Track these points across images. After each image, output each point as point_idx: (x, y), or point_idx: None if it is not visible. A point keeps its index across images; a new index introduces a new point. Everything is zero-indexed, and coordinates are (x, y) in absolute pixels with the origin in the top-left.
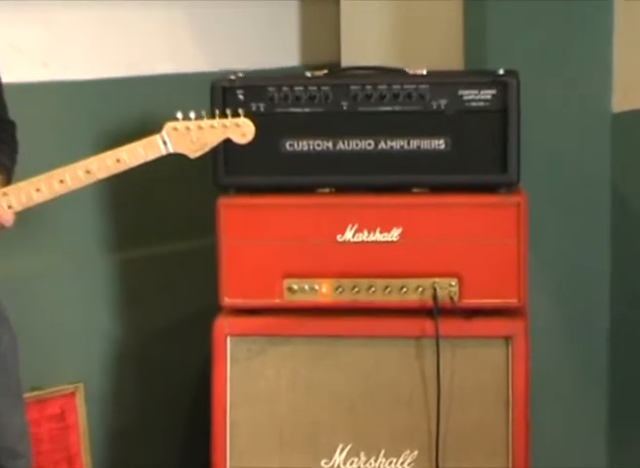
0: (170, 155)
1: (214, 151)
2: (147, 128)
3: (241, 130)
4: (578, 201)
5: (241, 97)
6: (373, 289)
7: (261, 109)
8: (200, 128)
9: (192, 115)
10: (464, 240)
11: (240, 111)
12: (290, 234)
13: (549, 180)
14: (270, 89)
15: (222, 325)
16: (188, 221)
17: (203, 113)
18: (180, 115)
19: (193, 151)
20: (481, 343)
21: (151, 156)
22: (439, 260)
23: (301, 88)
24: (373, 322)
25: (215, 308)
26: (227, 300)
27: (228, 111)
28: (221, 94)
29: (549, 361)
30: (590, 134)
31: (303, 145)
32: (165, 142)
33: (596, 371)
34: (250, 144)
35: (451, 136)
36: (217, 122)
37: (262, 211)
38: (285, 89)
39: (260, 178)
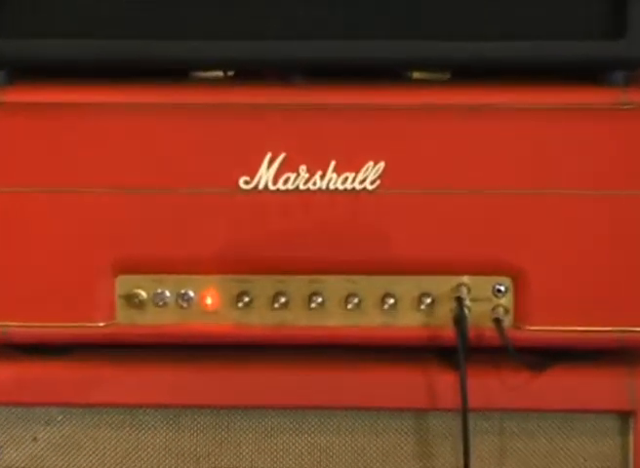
0: None
1: None
2: None
3: None
4: None
5: None
6: (319, 299)
7: None
8: None
9: None
10: (527, 190)
11: None
12: (132, 175)
13: None
14: None
15: None
16: None
17: None
18: None
19: None
20: (568, 424)
21: None
22: (469, 237)
23: None
24: (320, 375)
25: None
26: None
27: None
28: None
29: None
30: None
31: None
32: None
33: None
34: None
35: None
36: None
37: (71, 119)
38: None
39: (68, 46)
